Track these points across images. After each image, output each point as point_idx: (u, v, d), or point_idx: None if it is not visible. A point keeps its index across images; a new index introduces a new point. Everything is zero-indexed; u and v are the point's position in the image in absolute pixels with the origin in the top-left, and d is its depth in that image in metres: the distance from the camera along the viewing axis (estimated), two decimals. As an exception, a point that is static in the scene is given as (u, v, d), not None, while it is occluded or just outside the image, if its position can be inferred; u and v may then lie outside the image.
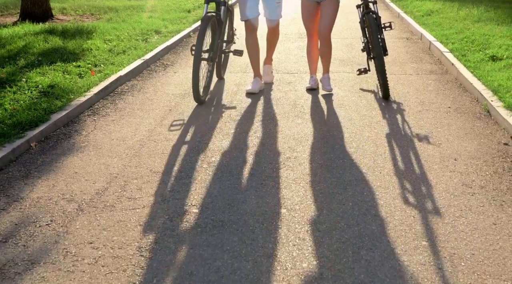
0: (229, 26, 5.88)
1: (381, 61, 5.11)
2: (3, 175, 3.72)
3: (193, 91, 5.06)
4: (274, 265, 2.72)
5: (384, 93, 5.28)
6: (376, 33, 5.13)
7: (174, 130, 4.56)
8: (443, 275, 2.64)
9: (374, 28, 5.13)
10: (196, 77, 4.97)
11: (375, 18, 5.17)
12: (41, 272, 2.66)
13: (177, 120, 4.79)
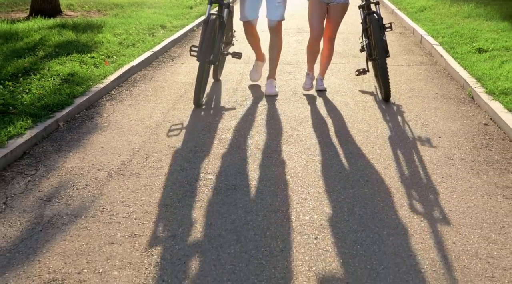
0: (228, 28, 5.80)
1: (383, 62, 5.10)
2: (38, 149, 4.20)
3: (194, 94, 5.05)
4: (281, 218, 3.21)
5: (385, 95, 5.25)
6: (378, 34, 5.09)
7: (186, 113, 5.03)
8: (425, 226, 3.13)
9: (377, 29, 5.10)
10: (200, 82, 4.98)
11: (377, 19, 5.15)
12: (83, 223, 3.15)
13: (188, 105, 5.26)
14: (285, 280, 2.63)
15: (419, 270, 2.71)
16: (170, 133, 4.53)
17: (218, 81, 6.04)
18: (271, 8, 5.37)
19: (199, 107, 5.12)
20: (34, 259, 2.80)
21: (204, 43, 4.92)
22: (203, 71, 4.95)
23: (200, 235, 3.02)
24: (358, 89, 5.79)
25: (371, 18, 5.20)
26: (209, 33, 4.91)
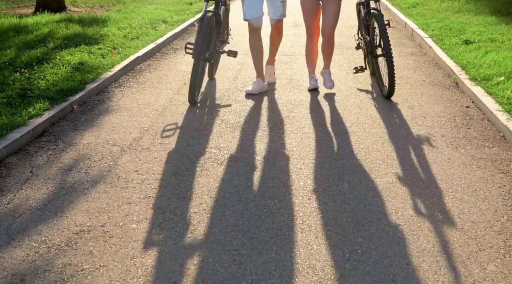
0: (224, 26, 5.75)
1: (390, 60, 4.99)
2: (56, 128, 4.59)
3: (189, 93, 4.99)
4: (278, 183, 3.61)
5: (388, 93, 5.19)
6: (384, 32, 4.99)
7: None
8: (406, 189, 3.53)
9: (383, 26, 5.00)
10: (195, 79, 4.90)
11: (381, 16, 5.06)
12: (102, 188, 3.55)
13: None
14: (281, 231, 3.03)
15: (398, 224, 3.12)
16: (175, 115, 4.92)
17: (213, 80, 5.99)
18: (275, 7, 5.33)
19: (194, 105, 5.05)
20: (62, 215, 3.20)
21: (199, 41, 4.85)
22: (198, 69, 4.88)
23: (206, 197, 3.42)
24: (351, 77, 6.18)
25: (375, 15, 5.09)
26: (205, 30, 4.86)
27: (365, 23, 5.41)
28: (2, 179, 3.65)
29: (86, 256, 2.79)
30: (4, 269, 2.70)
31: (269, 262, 2.74)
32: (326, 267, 2.71)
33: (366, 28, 5.43)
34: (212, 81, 6.02)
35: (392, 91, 5.19)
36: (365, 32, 5.45)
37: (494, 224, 3.11)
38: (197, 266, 2.70)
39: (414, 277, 2.63)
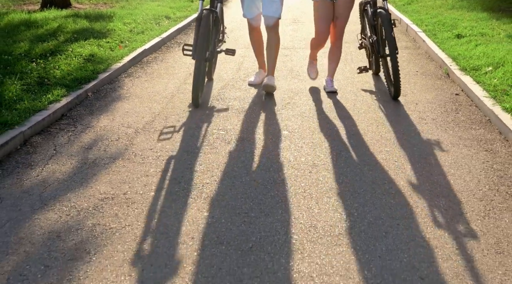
0: (221, 23, 5.64)
1: (394, 59, 4.92)
2: (73, 112, 4.94)
3: (193, 95, 4.89)
4: (282, 159, 3.97)
5: (395, 93, 5.13)
6: (389, 31, 4.91)
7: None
8: (399, 164, 3.88)
9: (388, 26, 4.92)
10: (197, 80, 4.82)
11: (387, 15, 4.98)
12: (121, 163, 3.89)
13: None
14: (286, 198, 3.38)
15: (391, 192, 3.47)
16: (183, 102, 5.26)
17: (211, 81, 5.92)
18: (266, 3, 5.17)
19: (197, 107, 5.00)
20: (87, 185, 3.54)
21: (199, 41, 4.76)
22: (199, 70, 4.81)
23: (216, 171, 3.77)
24: (348, 67, 6.53)
25: (381, 14, 4.99)
26: (204, 29, 4.77)
27: (372, 22, 5.28)
28: (29, 155, 3.99)
29: (112, 218, 3.14)
30: (41, 228, 3.04)
31: (275, 222, 3.10)
32: (325, 226, 3.06)
33: (373, 28, 5.31)
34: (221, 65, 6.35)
35: (399, 92, 5.10)
36: (372, 32, 5.33)
37: (476, 193, 3.46)
38: (212, 225, 3.05)
39: (404, 234, 2.98)
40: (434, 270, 2.67)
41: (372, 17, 5.26)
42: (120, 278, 2.59)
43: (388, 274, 2.64)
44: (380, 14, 5.03)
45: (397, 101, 5.27)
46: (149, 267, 2.68)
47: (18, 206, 3.27)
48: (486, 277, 2.61)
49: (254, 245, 2.86)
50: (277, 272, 2.64)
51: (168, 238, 2.93)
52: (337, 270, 2.66)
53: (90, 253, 2.79)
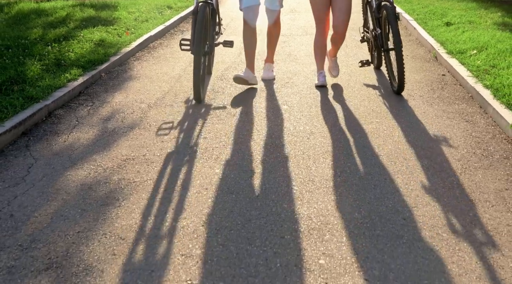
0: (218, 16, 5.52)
1: (399, 53, 4.84)
2: (90, 90, 5.37)
3: (194, 90, 4.78)
4: (281, 128, 4.41)
5: (398, 88, 5.05)
6: (394, 24, 4.82)
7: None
8: (387, 132, 4.32)
9: (393, 19, 4.83)
10: (198, 75, 4.71)
11: (393, 8, 4.89)
12: (138, 132, 4.33)
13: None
14: (287, 159, 3.82)
15: (380, 155, 3.91)
16: (190, 81, 5.69)
17: (210, 74, 5.87)
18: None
19: (199, 102, 4.91)
20: (110, 149, 3.98)
21: (196, 34, 4.66)
22: (199, 64, 4.70)
23: (224, 137, 4.21)
24: (342, 52, 6.97)
25: (387, 7, 4.91)
26: (201, 23, 4.66)
27: (376, 15, 5.19)
28: (55, 125, 4.43)
29: (135, 174, 3.58)
30: (74, 181, 3.48)
31: (278, 177, 3.54)
32: (322, 180, 3.51)
33: (377, 21, 5.22)
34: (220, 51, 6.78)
35: (403, 86, 5.02)
36: (376, 25, 5.24)
37: (455, 155, 3.92)
38: (223, 180, 3.50)
39: (390, 186, 3.43)
40: (415, 213, 3.12)
41: (377, 10, 5.16)
42: (146, 218, 3.04)
43: (375, 216, 3.09)
44: (385, 7, 4.94)
45: (379, 70, 5.69)
46: (170, 210, 3.12)
47: (51, 165, 3.71)
48: (458, 219, 3.06)
49: (260, 194, 3.31)
50: (281, 214, 3.09)
51: (185, 189, 3.38)
52: (331, 213, 3.12)
53: (119, 200, 3.24)
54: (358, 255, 2.72)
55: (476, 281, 2.53)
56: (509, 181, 3.50)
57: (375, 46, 5.57)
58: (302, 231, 2.92)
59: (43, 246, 2.78)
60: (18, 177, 3.53)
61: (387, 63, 5.36)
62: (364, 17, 5.86)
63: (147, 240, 2.83)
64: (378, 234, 2.91)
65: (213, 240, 2.84)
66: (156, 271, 2.58)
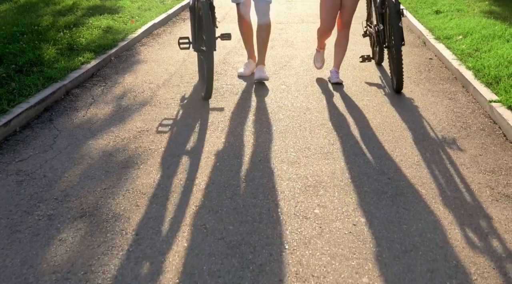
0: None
1: (399, 51, 4.77)
2: (102, 72, 5.79)
3: (207, 89, 4.66)
4: (281, 105, 4.84)
5: (397, 86, 4.97)
6: (395, 21, 4.73)
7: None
8: (377, 108, 4.74)
9: (395, 16, 4.72)
10: (211, 72, 4.56)
11: (395, 4, 4.75)
12: (149, 108, 4.76)
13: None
14: (285, 129, 4.26)
15: (370, 126, 4.35)
16: (194, 64, 6.12)
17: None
18: None
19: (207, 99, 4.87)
20: (125, 122, 4.41)
21: (197, 31, 4.56)
22: (208, 61, 4.52)
23: (228, 112, 4.64)
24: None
25: (390, 3, 4.77)
26: (206, 14, 4.46)
27: (380, 11, 5.05)
28: (73, 102, 4.85)
29: (149, 143, 4.02)
30: (96, 149, 3.91)
31: (276, 146, 3.98)
32: (317, 148, 3.95)
33: (380, 16, 5.09)
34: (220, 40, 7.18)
35: (401, 85, 4.95)
36: (379, 21, 5.11)
37: (437, 127, 4.36)
38: (228, 147, 3.93)
39: (378, 152, 3.87)
40: (398, 173, 3.57)
41: (381, 5, 5.01)
42: (163, 178, 3.47)
43: (363, 176, 3.53)
44: (388, 2, 4.80)
45: (380, 65, 6.12)
46: (183, 172, 3.56)
47: (74, 136, 4.14)
48: (436, 178, 3.50)
49: (262, 159, 3.75)
50: (281, 175, 3.53)
51: (195, 154, 3.81)
52: (325, 173, 3.56)
53: (138, 163, 3.67)
54: (347, 206, 3.16)
55: (448, 226, 2.97)
56: (483, 149, 3.94)
57: (377, 42, 5.42)
58: (299, 188, 3.36)
59: (75, 199, 3.21)
60: (46, 145, 3.95)
61: (390, 60, 5.19)
62: (368, 11, 5.69)
63: (165, 194, 3.27)
64: (366, 190, 3.35)
65: (222, 195, 3.28)
66: (175, 218, 3.02)
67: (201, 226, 2.94)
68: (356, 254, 2.72)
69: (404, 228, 2.93)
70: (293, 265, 2.62)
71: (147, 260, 2.64)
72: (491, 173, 3.55)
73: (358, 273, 2.57)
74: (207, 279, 2.51)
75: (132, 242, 2.79)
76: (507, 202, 3.19)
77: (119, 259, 2.65)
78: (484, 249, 2.75)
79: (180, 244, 2.77)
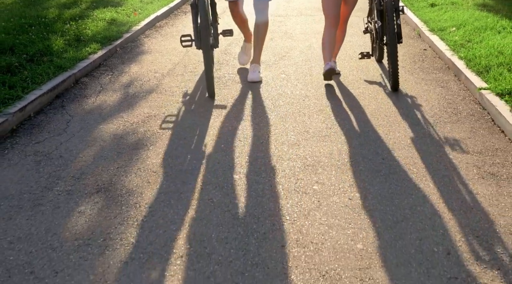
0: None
1: (394, 49, 4.72)
2: (108, 62, 6.02)
3: (208, 86, 4.71)
4: (281, 92, 5.08)
5: (393, 84, 4.93)
6: (392, 18, 4.62)
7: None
8: (371, 92, 4.99)
9: (390, 12, 4.63)
10: (210, 70, 4.61)
11: (392, 1, 4.65)
12: (155, 95, 4.99)
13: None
14: (285, 115, 4.50)
15: (364, 111, 4.60)
16: (197, 55, 6.35)
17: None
18: None
19: (213, 97, 4.88)
20: (133, 108, 4.65)
21: (200, 28, 4.50)
22: (209, 59, 4.57)
23: (230, 99, 4.88)
24: (334, 28, 7.62)
25: (386, 0, 4.69)
26: (202, 15, 4.46)
27: (378, 7, 4.97)
28: (83, 90, 5.09)
29: (157, 127, 4.26)
30: (107, 132, 4.16)
31: (278, 129, 4.22)
32: (315, 131, 4.19)
33: (379, 13, 5.03)
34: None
35: (397, 84, 4.90)
36: (377, 17, 5.05)
37: (429, 112, 4.60)
38: (231, 130, 4.17)
39: (373, 135, 4.11)
40: (392, 154, 3.81)
41: (379, 1, 4.94)
42: (172, 158, 3.72)
43: (359, 157, 3.78)
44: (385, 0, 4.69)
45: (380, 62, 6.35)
46: (191, 153, 3.80)
47: (85, 120, 4.38)
48: (427, 158, 3.75)
49: (263, 141, 4.00)
50: (282, 156, 3.78)
51: (200, 137, 4.05)
52: (323, 154, 3.81)
53: (147, 145, 3.92)
54: (344, 183, 3.41)
55: (437, 200, 3.22)
56: (472, 132, 4.19)
57: (376, 38, 5.32)
58: (299, 167, 3.61)
59: (91, 177, 3.46)
60: (60, 129, 4.20)
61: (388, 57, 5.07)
62: (369, 6, 5.54)
63: (174, 173, 3.51)
64: (361, 169, 3.60)
65: (227, 173, 3.53)
66: (184, 193, 3.27)
67: (208, 200, 3.18)
68: (351, 224, 2.97)
69: (396, 202, 3.18)
70: (294, 233, 2.87)
71: (160, 229, 2.89)
72: (478, 154, 3.79)
73: (353, 240, 2.82)
74: (216, 245, 2.76)
75: (145, 213, 3.03)
76: (492, 179, 3.44)
77: (134, 228, 2.90)
78: (470, 220, 3.01)
79: (190, 216, 3.02)
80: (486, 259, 2.65)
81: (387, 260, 2.65)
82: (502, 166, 3.58)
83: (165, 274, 2.54)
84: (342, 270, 2.58)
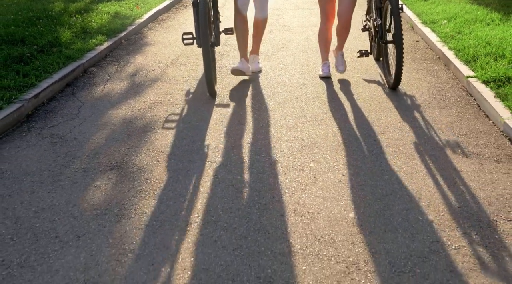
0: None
1: (400, 48, 4.63)
2: (114, 53, 6.29)
3: (208, 85, 4.68)
4: (279, 81, 5.36)
5: (394, 83, 4.86)
6: (397, 18, 4.59)
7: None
8: (366, 84, 5.30)
9: (396, 10, 4.58)
10: (209, 69, 4.56)
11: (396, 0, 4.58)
12: (160, 83, 5.27)
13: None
14: (284, 101, 4.78)
15: (359, 99, 4.88)
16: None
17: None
18: None
19: (214, 97, 4.86)
20: (140, 96, 4.93)
21: (201, 26, 4.46)
22: (209, 56, 4.51)
23: (231, 86, 5.16)
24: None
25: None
26: (203, 13, 4.44)
27: (378, 5, 4.97)
28: (91, 79, 5.37)
29: (163, 112, 4.54)
30: (117, 117, 4.44)
31: (277, 114, 4.50)
32: (312, 116, 4.48)
33: (378, 11, 5.00)
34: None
35: (399, 81, 4.84)
36: (377, 15, 5.03)
37: (419, 99, 4.88)
38: (233, 115, 4.45)
39: (365, 120, 4.40)
40: (383, 136, 4.09)
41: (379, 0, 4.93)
42: (178, 140, 4.00)
43: (352, 138, 4.07)
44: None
45: (368, 44, 6.64)
46: (195, 135, 4.08)
47: (96, 106, 4.66)
48: (416, 140, 4.04)
49: (263, 125, 4.28)
50: (280, 137, 4.07)
51: (204, 121, 4.34)
52: (319, 136, 4.10)
53: (155, 128, 4.20)
54: (338, 161, 3.70)
55: (423, 176, 3.51)
56: (459, 116, 4.48)
57: (375, 36, 5.31)
58: (297, 147, 3.90)
59: (104, 156, 3.75)
60: (72, 114, 4.48)
61: (384, 56, 5.22)
62: (368, 4, 5.52)
63: (181, 153, 3.80)
64: (354, 149, 3.89)
65: (230, 153, 3.81)
66: (191, 170, 3.55)
67: (213, 176, 3.47)
68: (344, 196, 3.26)
69: (386, 178, 3.47)
70: (292, 204, 3.16)
71: (170, 201, 3.18)
72: (463, 136, 4.09)
73: (346, 210, 3.11)
74: (221, 214, 3.05)
75: (156, 187, 3.32)
76: (475, 158, 3.74)
77: (146, 200, 3.19)
78: (453, 193, 3.30)
79: (197, 189, 3.31)
80: (465, 226, 2.94)
81: (376, 227, 2.94)
82: (485, 147, 3.87)
83: (176, 238, 2.82)
84: (335, 235, 2.87)
